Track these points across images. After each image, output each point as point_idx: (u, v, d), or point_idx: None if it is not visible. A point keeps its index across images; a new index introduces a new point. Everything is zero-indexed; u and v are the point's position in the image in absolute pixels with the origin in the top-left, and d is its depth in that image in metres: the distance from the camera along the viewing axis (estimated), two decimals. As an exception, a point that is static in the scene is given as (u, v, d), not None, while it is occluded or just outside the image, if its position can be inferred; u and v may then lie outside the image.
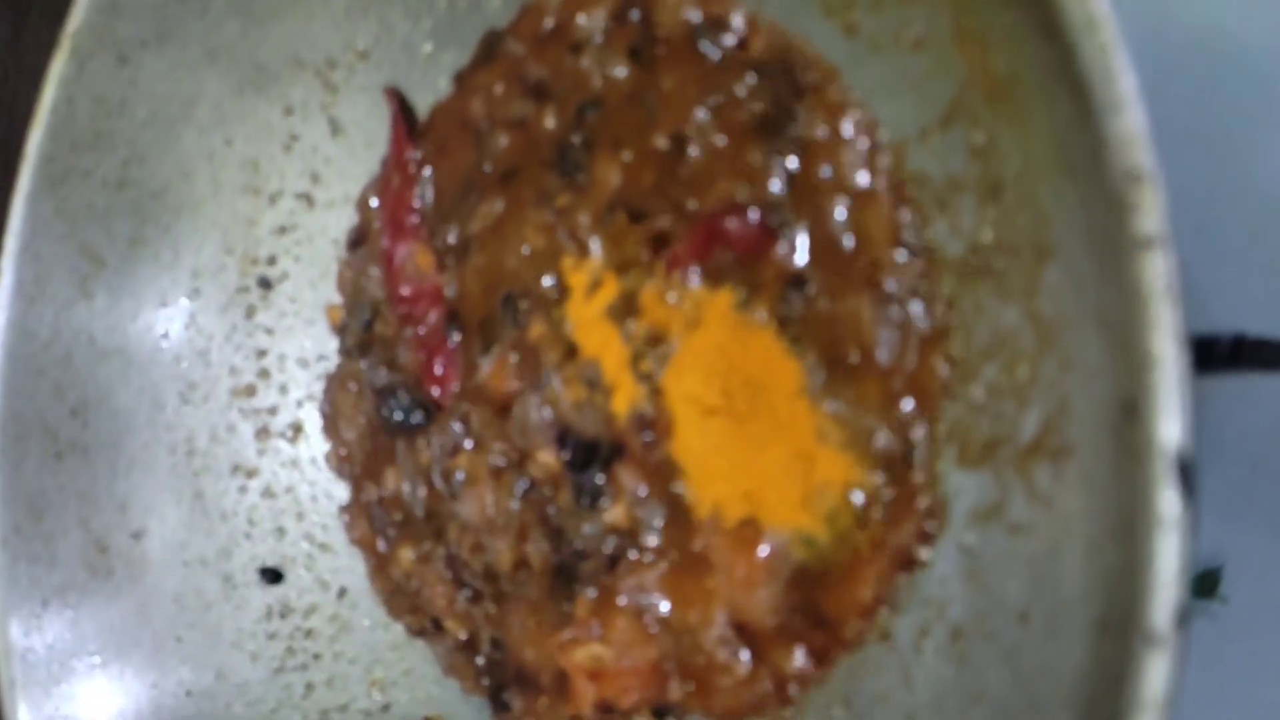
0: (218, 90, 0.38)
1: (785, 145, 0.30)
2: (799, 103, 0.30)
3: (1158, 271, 0.20)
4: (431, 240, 0.37)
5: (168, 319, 0.39)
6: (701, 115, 0.31)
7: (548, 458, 0.34)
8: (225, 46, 0.38)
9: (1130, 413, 0.21)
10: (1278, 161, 0.36)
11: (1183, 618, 0.20)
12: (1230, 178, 0.36)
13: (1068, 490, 0.24)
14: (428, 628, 0.37)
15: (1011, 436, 0.26)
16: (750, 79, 0.31)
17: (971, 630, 0.27)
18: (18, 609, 0.36)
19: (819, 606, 0.30)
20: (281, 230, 0.40)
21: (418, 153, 0.38)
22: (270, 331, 0.40)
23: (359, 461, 0.39)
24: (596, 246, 0.33)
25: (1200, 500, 0.20)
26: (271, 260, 0.40)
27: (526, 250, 0.34)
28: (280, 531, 0.40)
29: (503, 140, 0.35)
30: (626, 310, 0.33)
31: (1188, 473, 0.20)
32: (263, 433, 0.40)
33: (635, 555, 0.32)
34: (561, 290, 0.34)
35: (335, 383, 0.39)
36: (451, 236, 0.36)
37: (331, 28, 0.38)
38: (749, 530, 0.31)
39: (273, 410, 0.40)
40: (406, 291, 0.37)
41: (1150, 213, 0.20)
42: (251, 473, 0.40)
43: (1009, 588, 0.26)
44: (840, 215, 0.29)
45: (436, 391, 0.36)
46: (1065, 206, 0.24)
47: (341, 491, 0.40)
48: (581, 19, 0.34)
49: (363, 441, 0.39)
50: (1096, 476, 0.23)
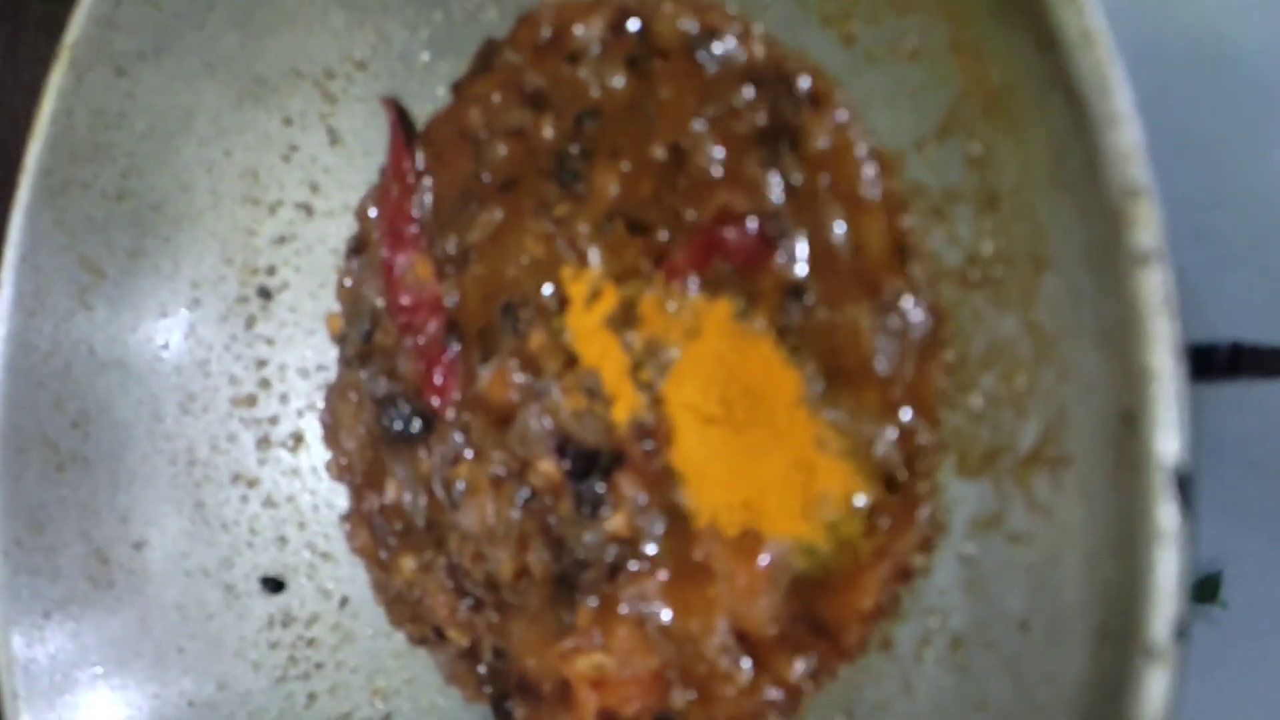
0: (216, 102, 0.38)
1: (783, 155, 0.30)
2: (797, 113, 0.30)
3: (1155, 286, 0.20)
4: (431, 250, 0.37)
5: (167, 330, 0.39)
6: (699, 125, 0.31)
7: (548, 467, 0.34)
8: (223, 58, 0.38)
9: (1129, 425, 0.21)
10: (1275, 168, 0.36)
11: (1182, 630, 0.20)
12: (1227, 184, 0.36)
13: (1067, 500, 0.24)
14: (429, 636, 0.37)
15: (1010, 446, 0.26)
16: (748, 89, 0.31)
17: (972, 639, 0.27)
18: (20, 621, 0.37)
19: (820, 615, 0.30)
20: (281, 240, 0.40)
21: (416, 162, 0.38)
22: (270, 341, 0.40)
23: (360, 471, 0.39)
24: (595, 256, 0.33)
25: (1199, 512, 0.20)
26: (271, 270, 0.40)
27: (526, 260, 0.35)
28: (282, 541, 0.40)
29: (501, 150, 0.35)
30: (626, 319, 0.33)
31: (1186, 486, 0.20)
32: (263, 442, 0.40)
33: (636, 564, 0.32)
34: (561, 299, 0.34)
35: (335, 392, 0.39)
36: (451, 246, 0.36)
37: (329, 39, 0.38)
38: (749, 539, 0.31)
39: (273, 420, 0.40)
40: (406, 301, 0.37)
41: (1147, 228, 0.20)
42: (252, 482, 0.40)
43: (1009, 597, 0.26)
44: (839, 225, 0.29)
45: (436, 401, 0.36)
46: (1062, 219, 0.24)
47: (342, 500, 0.40)
48: (579, 29, 0.34)
49: (363, 451, 0.39)
50: (1095, 487, 0.23)
